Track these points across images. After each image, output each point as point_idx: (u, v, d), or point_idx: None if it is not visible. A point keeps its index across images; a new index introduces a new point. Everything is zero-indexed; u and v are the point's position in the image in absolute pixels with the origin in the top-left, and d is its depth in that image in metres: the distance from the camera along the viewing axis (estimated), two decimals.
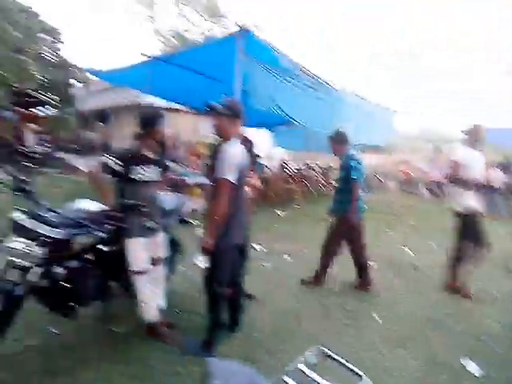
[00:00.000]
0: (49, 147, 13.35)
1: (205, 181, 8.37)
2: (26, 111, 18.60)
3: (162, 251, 2.86)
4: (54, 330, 2.75)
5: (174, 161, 7.51)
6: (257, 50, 5.86)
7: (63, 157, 13.40)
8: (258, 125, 10.89)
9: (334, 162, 15.06)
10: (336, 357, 1.25)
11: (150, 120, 2.62)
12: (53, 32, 24.80)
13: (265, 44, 5.86)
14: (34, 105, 19.95)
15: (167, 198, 3.18)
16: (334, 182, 11.37)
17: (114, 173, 2.50)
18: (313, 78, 6.89)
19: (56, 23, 39.36)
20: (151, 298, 2.71)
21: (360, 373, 1.16)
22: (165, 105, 10.52)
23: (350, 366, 1.20)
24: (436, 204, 11.24)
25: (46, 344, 2.60)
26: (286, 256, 4.91)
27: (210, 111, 2.49)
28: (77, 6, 40.52)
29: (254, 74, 5.97)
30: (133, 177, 2.54)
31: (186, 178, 7.45)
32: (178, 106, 11.30)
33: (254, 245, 5.27)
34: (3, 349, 2.36)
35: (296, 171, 10.85)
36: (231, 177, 2.31)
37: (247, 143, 3.25)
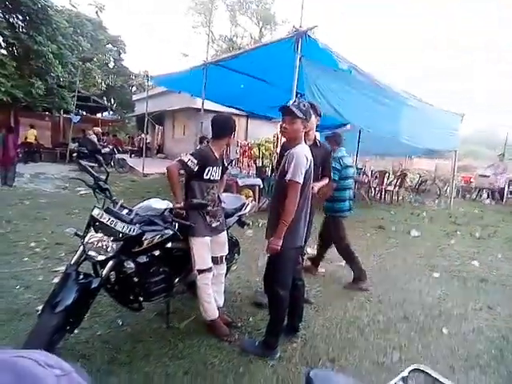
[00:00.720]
0: (109, 148, 14.20)
1: (255, 182, 8.41)
2: (91, 115, 20.10)
3: (225, 250, 2.93)
4: (119, 322, 2.88)
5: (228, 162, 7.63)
6: (315, 52, 5.80)
7: (122, 157, 14.17)
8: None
9: (390, 166, 14.62)
10: (439, 377, 1.13)
11: (228, 126, 2.74)
12: (117, 42, 26.46)
13: (323, 47, 5.78)
14: (98, 109, 21.50)
15: (229, 199, 3.23)
16: (388, 187, 11.03)
17: (190, 172, 2.61)
18: (374, 81, 6.70)
19: (117, 31, 41.78)
20: (212, 297, 2.77)
21: None
22: (216, 108, 10.76)
23: None
24: (498, 211, 10.43)
25: (112, 334, 2.72)
26: (341, 263, 4.76)
27: (283, 113, 2.44)
28: (134, 13, 42.69)
29: (311, 77, 5.91)
30: (205, 177, 2.64)
31: (237, 179, 7.60)
32: (229, 109, 11.53)
33: (309, 249, 5.18)
34: (75, 336, 2.54)
35: None
36: (300, 179, 2.30)
37: (320, 147, 3.22)
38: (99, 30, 21.45)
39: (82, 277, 2.27)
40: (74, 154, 13.91)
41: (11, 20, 13.36)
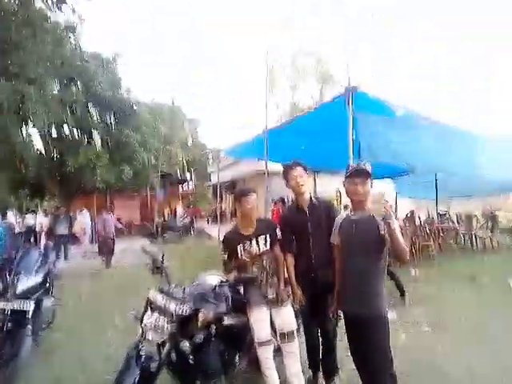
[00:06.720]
0: (188, 219, 15.26)
1: None
2: (173, 190, 22.08)
3: (290, 325, 2.73)
4: None
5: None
6: (368, 105, 5.83)
7: (201, 226, 15.05)
8: (377, 176, 10.43)
9: (476, 209, 13.16)
10: None
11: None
12: (192, 121, 29.63)
13: (375, 98, 5.80)
14: (179, 183, 23.60)
15: None
16: (478, 232, 9.79)
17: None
18: (435, 122, 6.43)
19: (191, 112, 46.61)
20: (274, 372, 2.62)
21: None
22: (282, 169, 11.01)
23: None
24: None
25: None
26: (426, 328, 4.21)
27: (356, 176, 2.34)
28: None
29: (368, 129, 5.88)
30: (241, 257, 2.72)
31: None
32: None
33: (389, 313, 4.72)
34: None
35: (427, 222, 9.70)
36: None
37: (320, 204, 2.96)
38: (177, 114, 24.33)
39: (143, 359, 2.35)
40: (159, 229, 15.29)
41: (105, 120, 15.95)
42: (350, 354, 2.50)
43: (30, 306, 3.37)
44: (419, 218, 10.55)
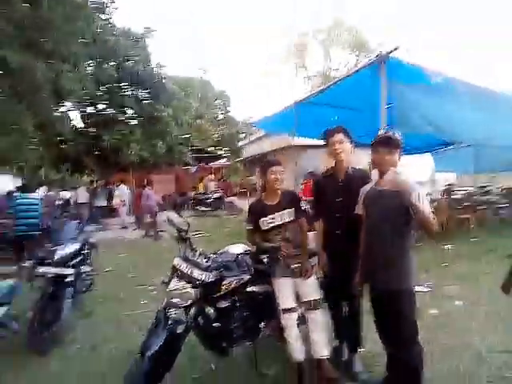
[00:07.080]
0: (219, 193, 15.48)
1: None
2: (205, 164, 22.37)
3: (314, 294, 2.74)
4: (212, 366, 2.96)
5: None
6: (402, 72, 5.49)
7: (231, 200, 15.26)
8: (415, 150, 9.97)
9: None
10: None
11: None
12: (222, 95, 29.47)
13: (409, 65, 5.43)
14: (211, 158, 23.86)
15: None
16: None
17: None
18: (477, 88, 5.95)
19: (222, 86, 46.25)
20: (297, 338, 2.65)
21: None
22: (313, 142, 10.77)
23: None
24: None
25: (204, 379, 2.84)
26: (458, 302, 4.10)
27: (383, 145, 2.27)
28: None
29: (403, 98, 5.57)
30: (264, 228, 2.74)
31: None
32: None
33: (418, 287, 4.62)
34: (171, 380, 2.68)
35: (467, 196, 9.25)
36: None
37: (356, 173, 2.86)
38: (207, 88, 24.27)
39: (170, 322, 2.46)
40: (191, 202, 15.67)
41: (138, 95, 16.21)
42: (374, 327, 2.48)
43: (69, 272, 3.60)
44: (457, 192, 10.10)
